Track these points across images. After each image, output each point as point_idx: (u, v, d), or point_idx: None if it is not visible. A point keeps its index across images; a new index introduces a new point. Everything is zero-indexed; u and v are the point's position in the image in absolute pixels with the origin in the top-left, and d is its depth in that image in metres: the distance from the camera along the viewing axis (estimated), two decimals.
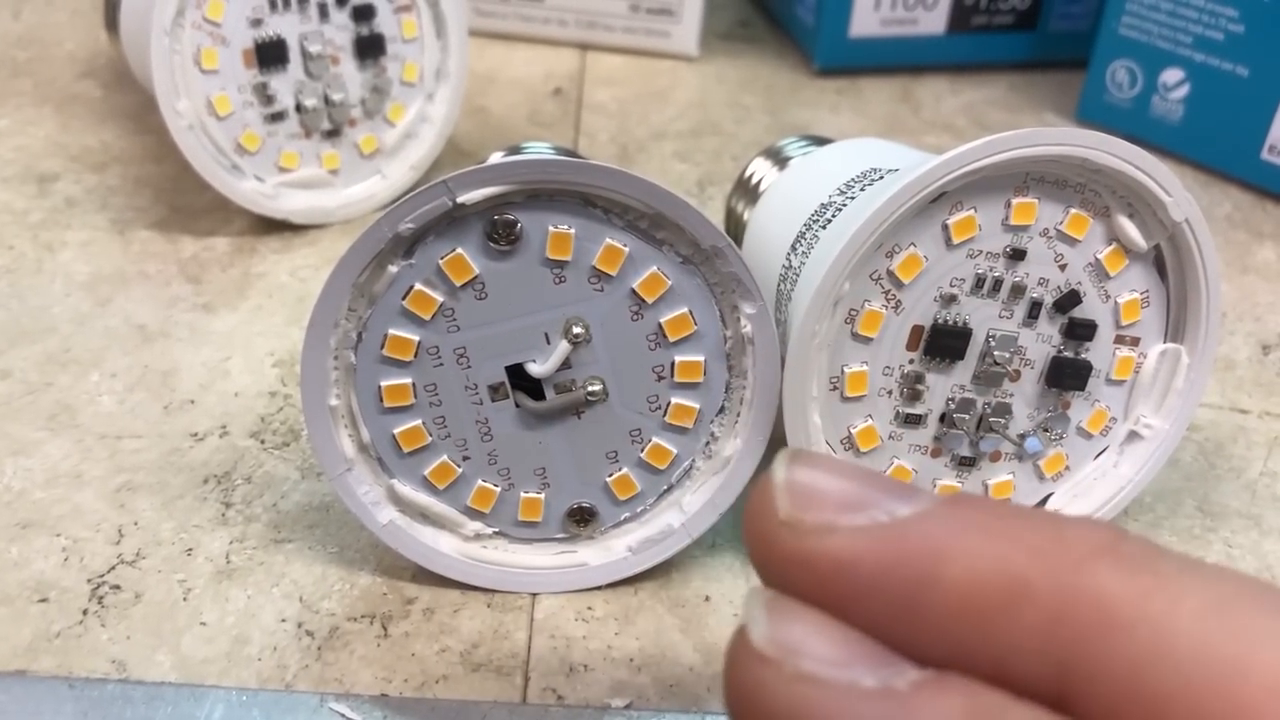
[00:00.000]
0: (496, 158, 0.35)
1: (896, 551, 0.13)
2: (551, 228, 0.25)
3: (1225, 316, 0.40)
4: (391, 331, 0.25)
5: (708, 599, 0.28)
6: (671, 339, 0.26)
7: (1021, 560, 0.13)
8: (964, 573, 0.13)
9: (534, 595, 0.28)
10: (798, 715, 0.12)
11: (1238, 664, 0.12)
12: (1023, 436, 0.29)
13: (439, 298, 0.25)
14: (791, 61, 0.57)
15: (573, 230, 0.25)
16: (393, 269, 0.25)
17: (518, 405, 0.26)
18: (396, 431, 0.26)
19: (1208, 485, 0.33)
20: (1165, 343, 0.29)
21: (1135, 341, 0.28)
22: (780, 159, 0.36)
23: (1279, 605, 0.12)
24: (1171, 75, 0.49)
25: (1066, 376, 0.28)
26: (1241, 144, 0.47)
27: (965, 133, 0.52)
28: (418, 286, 0.25)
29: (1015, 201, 0.26)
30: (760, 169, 0.36)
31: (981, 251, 0.26)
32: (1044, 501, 0.30)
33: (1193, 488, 0.33)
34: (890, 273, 0.26)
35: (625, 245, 0.25)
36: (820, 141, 0.36)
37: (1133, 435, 0.30)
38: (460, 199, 0.24)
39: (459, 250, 0.25)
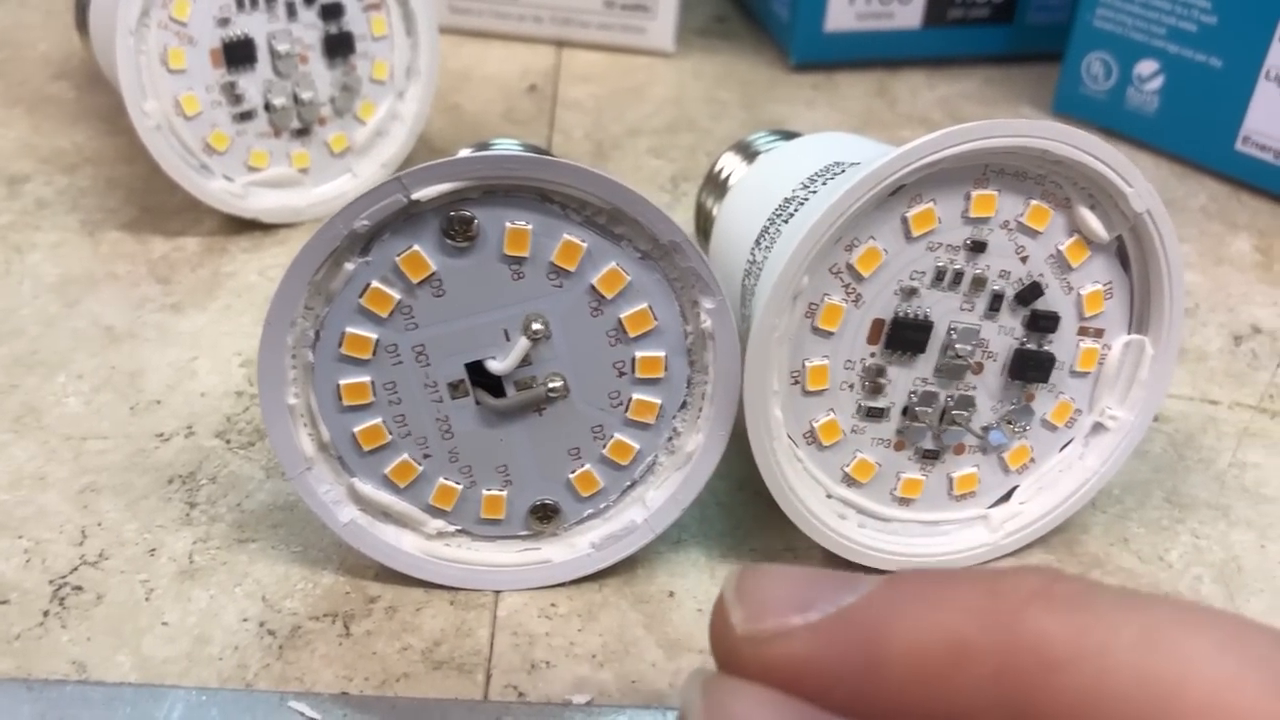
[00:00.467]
0: (464, 153, 0.35)
1: (845, 639, 0.14)
2: (509, 224, 0.25)
3: (1198, 307, 0.40)
4: (349, 330, 0.25)
5: (672, 594, 0.28)
6: (632, 334, 0.26)
7: (959, 620, 0.14)
8: (908, 644, 0.14)
9: (497, 593, 0.28)
10: None
11: (1175, 685, 0.12)
12: (986, 429, 0.29)
13: (396, 295, 0.25)
14: (768, 57, 0.57)
15: (530, 226, 0.25)
16: (349, 266, 0.25)
17: (478, 403, 0.26)
18: (356, 430, 0.26)
19: (1176, 477, 0.33)
20: (1129, 334, 0.29)
21: (1099, 333, 0.28)
22: (749, 153, 0.36)
23: (1209, 625, 0.13)
24: (1146, 67, 0.49)
25: (1030, 369, 0.28)
26: (1216, 135, 0.47)
27: (941, 126, 0.51)
28: (375, 284, 0.25)
29: (975, 194, 0.26)
30: (729, 164, 0.36)
31: (941, 244, 0.26)
32: (1009, 494, 0.30)
33: (1161, 479, 0.33)
34: (850, 266, 0.26)
35: (583, 241, 0.25)
36: (789, 136, 0.36)
37: (1098, 427, 0.29)
38: (415, 195, 0.24)
39: (415, 247, 0.25)
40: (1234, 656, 0.13)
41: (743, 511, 0.30)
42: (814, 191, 0.28)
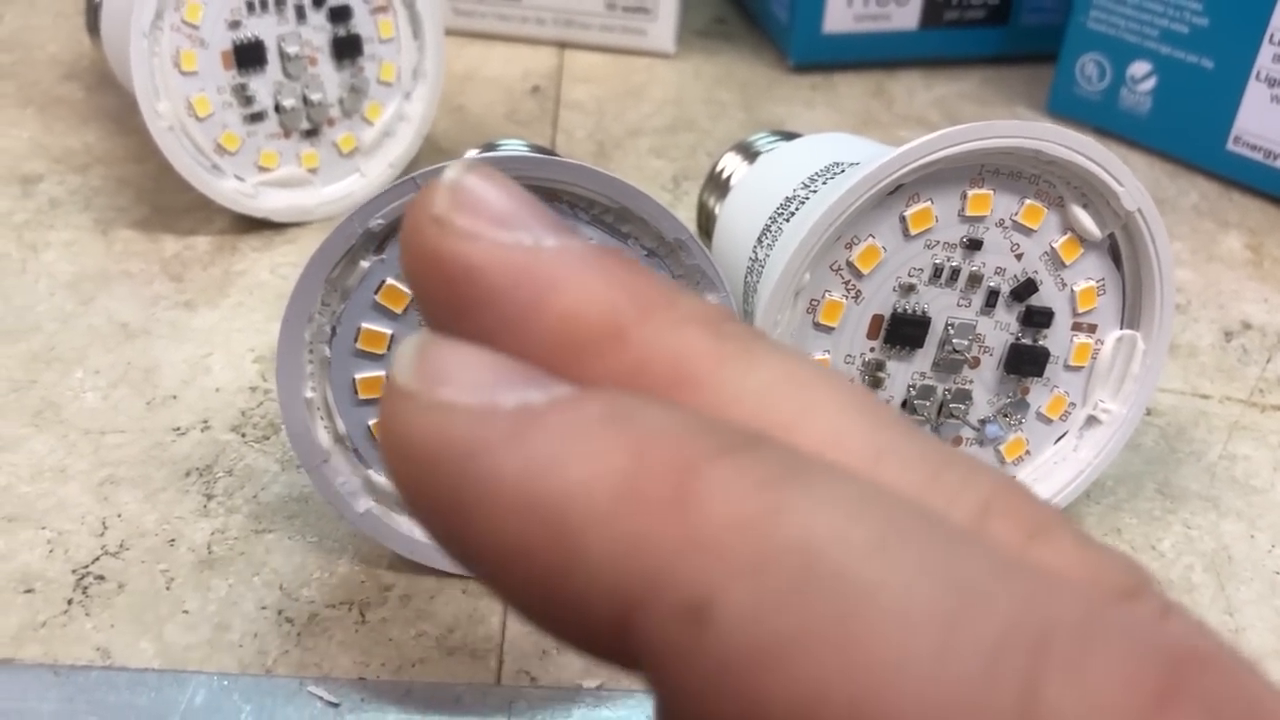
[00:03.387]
0: (471, 155, 0.36)
1: (522, 271, 0.13)
2: None
3: (1189, 304, 0.41)
4: (365, 325, 0.26)
5: None
6: None
7: (624, 307, 0.13)
8: (568, 305, 0.13)
9: None
10: (430, 444, 0.12)
11: (787, 425, 0.12)
12: (983, 422, 0.29)
13: (410, 292, 0.26)
14: (767, 58, 0.58)
15: None
16: (364, 264, 0.26)
17: None
18: (372, 423, 0.27)
19: (1168, 469, 0.34)
20: (1121, 329, 0.29)
21: (1092, 328, 0.29)
22: (750, 154, 0.37)
23: (839, 388, 0.13)
24: (1139, 68, 0.50)
25: (1025, 363, 0.29)
26: (1208, 135, 0.48)
27: (938, 127, 0.52)
28: (389, 281, 0.26)
29: (971, 193, 0.27)
30: (731, 164, 0.37)
31: (939, 242, 0.27)
32: None
33: (1153, 471, 0.34)
34: (850, 263, 0.27)
35: (590, 239, 0.26)
36: (789, 137, 0.37)
37: (1091, 420, 0.30)
38: None
39: None
40: (851, 418, 0.12)
41: None
42: (814, 191, 0.29)
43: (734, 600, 0.10)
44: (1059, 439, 0.31)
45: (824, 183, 0.29)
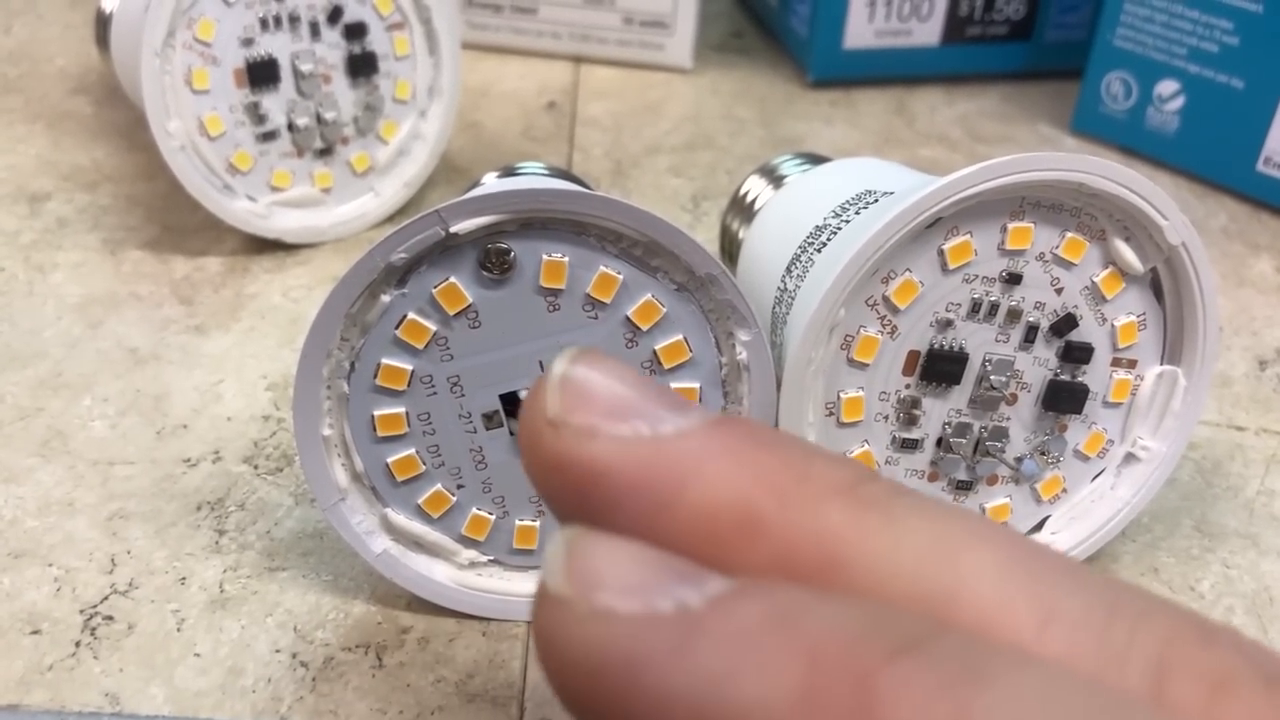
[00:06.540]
0: (490, 178, 0.35)
1: (648, 467, 0.13)
2: (545, 256, 0.25)
3: (1221, 331, 0.40)
4: (384, 361, 0.25)
5: None
6: (666, 366, 0.26)
7: (760, 493, 0.13)
8: (703, 498, 0.13)
9: (530, 623, 0.28)
10: (593, 657, 0.11)
11: (947, 600, 0.12)
12: (1019, 460, 0.28)
13: (432, 327, 0.25)
14: (785, 73, 0.57)
15: (566, 258, 0.25)
16: (385, 298, 0.25)
17: (512, 433, 0.26)
18: (390, 460, 0.26)
19: (1205, 504, 0.33)
20: (1162, 365, 0.29)
21: (1132, 364, 0.28)
22: (775, 177, 0.36)
23: (998, 544, 0.12)
24: (1166, 87, 0.49)
25: (1063, 400, 0.28)
26: (1237, 156, 0.47)
27: (959, 144, 0.52)
28: (411, 316, 0.25)
29: (1011, 226, 0.26)
30: (755, 187, 0.36)
31: (977, 276, 0.26)
32: (1041, 524, 0.30)
33: (1190, 507, 0.33)
34: (886, 298, 0.26)
35: (619, 273, 0.25)
36: (815, 159, 0.36)
37: (1130, 457, 0.29)
38: (453, 228, 0.24)
39: (452, 279, 0.25)
40: (1014, 580, 0.12)
41: None
42: (847, 221, 0.28)
43: None
44: (1096, 476, 0.30)
45: (856, 212, 0.28)
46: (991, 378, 0.27)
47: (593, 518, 0.13)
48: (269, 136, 0.39)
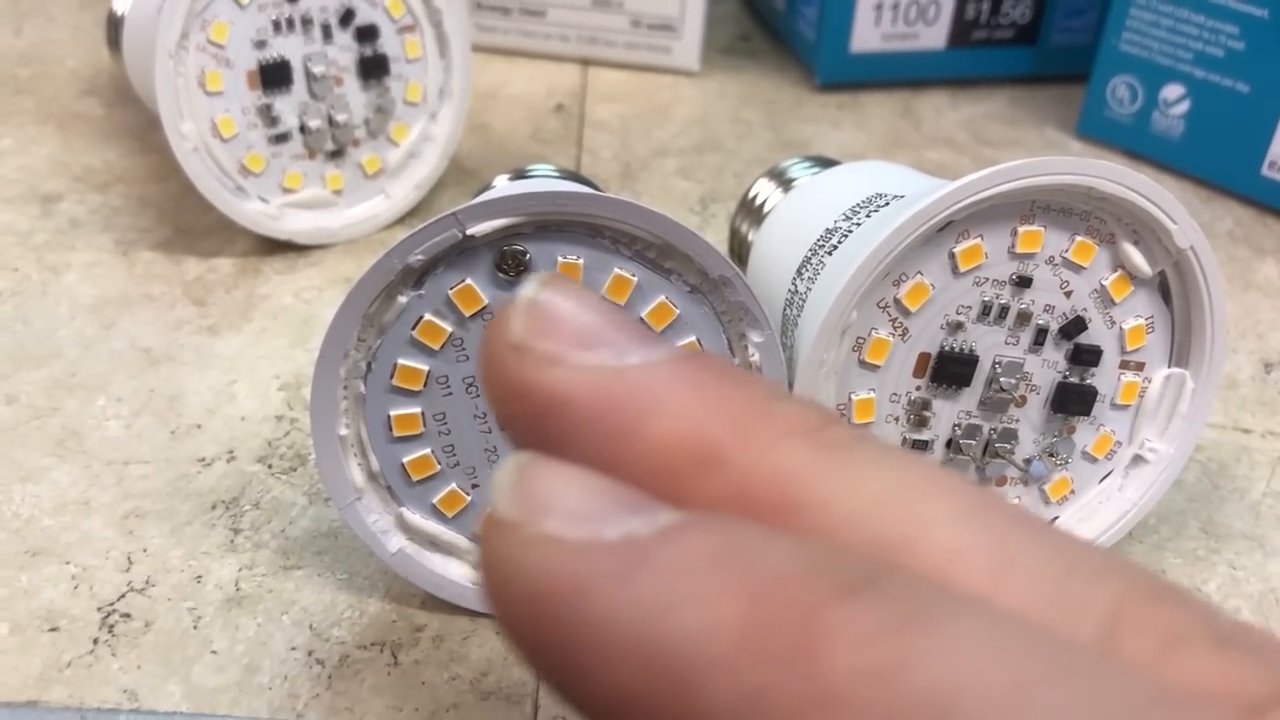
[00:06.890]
0: (502, 181, 0.36)
1: (609, 397, 0.13)
2: (560, 258, 0.25)
3: (1227, 334, 0.40)
4: (401, 361, 0.25)
5: None
6: None
7: (720, 428, 0.12)
8: (663, 430, 0.13)
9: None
10: (536, 583, 0.11)
11: (902, 546, 0.12)
12: (1028, 461, 0.29)
13: (448, 328, 0.25)
14: (793, 76, 0.57)
15: (581, 260, 0.25)
16: (402, 300, 0.25)
17: None
18: (406, 460, 0.26)
19: (1211, 506, 0.33)
20: (1170, 367, 0.29)
21: (1140, 366, 0.29)
22: (784, 180, 0.36)
23: (955, 493, 0.12)
24: (1172, 91, 0.49)
25: (1072, 402, 0.28)
26: (1242, 160, 0.48)
27: (966, 147, 0.52)
28: (427, 317, 0.25)
29: (1021, 229, 0.26)
30: (764, 190, 0.36)
31: (988, 279, 0.27)
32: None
33: (1196, 509, 0.33)
34: (897, 301, 0.26)
35: (633, 275, 0.25)
36: (824, 162, 0.36)
37: (1137, 459, 0.30)
38: (470, 231, 0.24)
39: (468, 281, 0.25)
40: (970, 528, 0.12)
41: None
42: (858, 223, 0.29)
43: None
44: (1104, 478, 0.30)
45: (867, 215, 0.29)
46: (1001, 380, 0.27)
47: (550, 446, 0.13)
48: (281, 138, 0.40)
